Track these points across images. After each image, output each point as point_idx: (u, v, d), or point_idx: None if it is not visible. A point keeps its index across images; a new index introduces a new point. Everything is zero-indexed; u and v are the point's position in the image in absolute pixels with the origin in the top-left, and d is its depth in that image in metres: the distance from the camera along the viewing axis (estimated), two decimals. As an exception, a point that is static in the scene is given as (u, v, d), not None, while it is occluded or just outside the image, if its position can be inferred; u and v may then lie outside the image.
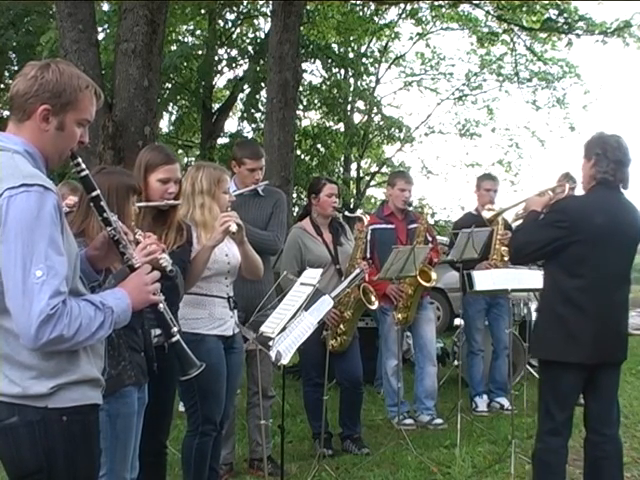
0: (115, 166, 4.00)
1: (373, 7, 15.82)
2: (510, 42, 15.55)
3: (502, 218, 5.67)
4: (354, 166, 20.64)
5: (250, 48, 15.86)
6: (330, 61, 16.32)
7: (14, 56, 15.51)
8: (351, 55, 17.85)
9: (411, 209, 5.73)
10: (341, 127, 17.94)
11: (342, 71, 17.83)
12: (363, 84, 18.86)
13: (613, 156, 3.45)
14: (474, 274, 4.95)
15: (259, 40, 15.65)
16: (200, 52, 15.60)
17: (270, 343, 3.56)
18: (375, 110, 18.65)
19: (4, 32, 14.33)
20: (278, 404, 4.94)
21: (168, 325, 2.27)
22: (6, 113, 13.00)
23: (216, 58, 15.86)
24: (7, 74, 15.69)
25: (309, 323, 3.72)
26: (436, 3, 14.94)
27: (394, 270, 5.02)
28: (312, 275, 3.79)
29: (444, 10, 16.04)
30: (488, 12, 13.68)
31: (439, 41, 38.10)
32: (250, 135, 16.35)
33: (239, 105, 16.79)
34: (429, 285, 5.47)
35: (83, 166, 2.13)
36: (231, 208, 3.70)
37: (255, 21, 16.44)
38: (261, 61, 14.41)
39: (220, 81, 17.47)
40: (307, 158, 17.24)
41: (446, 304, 9.58)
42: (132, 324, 2.44)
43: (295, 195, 15.41)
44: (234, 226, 3.42)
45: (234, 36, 16.15)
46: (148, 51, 6.52)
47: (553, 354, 3.47)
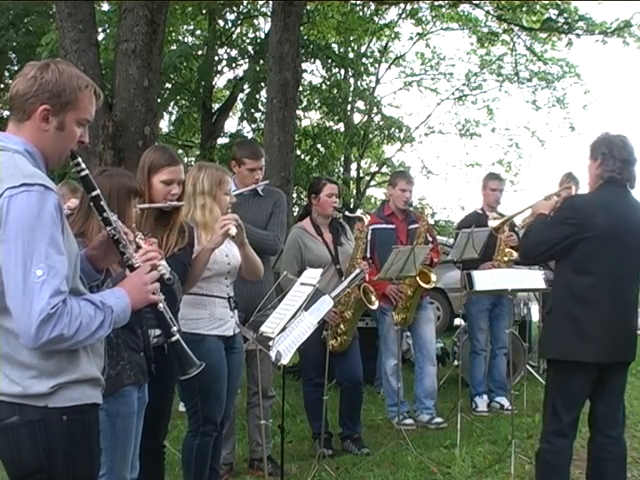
0: (117, 168, 4.00)
1: (373, 7, 15.82)
2: (510, 42, 15.56)
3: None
4: (354, 166, 20.65)
5: (250, 48, 15.85)
6: (330, 61, 16.31)
7: (14, 56, 15.51)
8: (351, 55, 17.85)
9: (412, 209, 5.74)
10: (341, 127, 17.94)
11: (342, 71, 17.82)
12: (363, 84, 18.87)
13: (619, 155, 3.45)
14: (474, 274, 4.95)
15: (259, 40, 15.64)
16: (200, 52, 15.60)
17: (270, 343, 3.56)
18: (375, 110, 18.65)
19: (4, 32, 14.33)
20: (278, 404, 4.94)
21: (168, 324, 2.27)
22: (6, 113, 12.99)
23: (216, 58, 15.86)
24: (7, 74, 15.69)
25: (309, 323, 3.72)
26: (436, 3, 14.95)
27: (394, 270, 5.02)
28: (312, 275, 3.79)
29: (444, 10, 16.04)
30: (488, 12, 13.68)
31: (439, 41, 38.05)
32: (250, 135, 16.35)
33: (239, 105, 16.79)
34: (428, 287, 5.47)
35: (83, 166, 2.14)
36: (231, 209, 3.70)
37: (255, 21, 16.47)
38: (261, 61, 14.41)
39: (220, 81, 17.50)
40: (307, 158, 17.24)
41: (446, 304, 9.59)
42: (131, 324, 2.44)
43: (295, 195, 15.42)
44: (234, 229, 3.42)
45: (234, 36, 16.15)
46: (148, 51, 6.52)
47: (567, 354, 3.44)
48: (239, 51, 16.20)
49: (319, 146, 17.22)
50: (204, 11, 14.56)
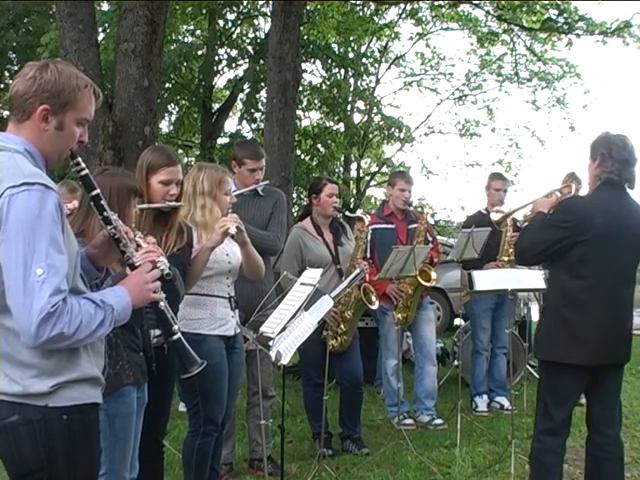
0: (117, 168, 4.00)
1: (373, 7, 15.82)
2: (510, 42, 15.57)
3: (512, 219, 5.65)
4: (354, 166, 20.65)
5: (250, 48, 15.86)
6: (330, 61, 16.32)
7: (14, 56, 15.52)
8: (351, 55, 17.86)
9: (411, 209, 5.73)
10: (341, 127, 17.94)
11: (342, 71, 17.84)
12: (363, 84, 18.87)
13: (618, 155, 3.43)
14: (474, 274, 4.95)
15: (259, 40, 15.65)
16: (200, 52, 15.60)
17: (270, 343, 3.56)
18: (375, 110, 18.65)
19: (4, 33, 14.34)
20: (278, 404, 4.94)
21: (169, 323, 2.27)
22: (6, 113, 12.99)
23: (216, 58, 15.86)
24: (7, 74, 15.70)
25: (309, 323, 3.72)
26: (436, 3, 14.94)
27: (394, 270, 5.02)
28: (312, 275, 3.79)
29: (444, 10, 16.04)
30: (488, 12, 13.68)
31: (439, 41, 38.12)
32: (250, 135, 16.35)
33: (239, 105, 16.80)
34: (429, 285, 5.47)
35: (83, 165, 2.14)
36: (232, 209, 3.70)
37: (255, 21, 16.47)
38: (261, 61, 14.41)
39: (220, 81, 17.50)
40: (307, 158, 17.23)
41: (446, 304, 9.60)
42: (131, 324, 2.44)
43: (295, 195, 15.41)
44: (233, 229, 3.42)
45: (234, 36, 16.15)
46: (148, 51, 6.52)
47: (556, 355, 3.45)
48: (239, 51, 16.20)
49: (319, 146, 17.21)
50: (204, 11, 14.56)
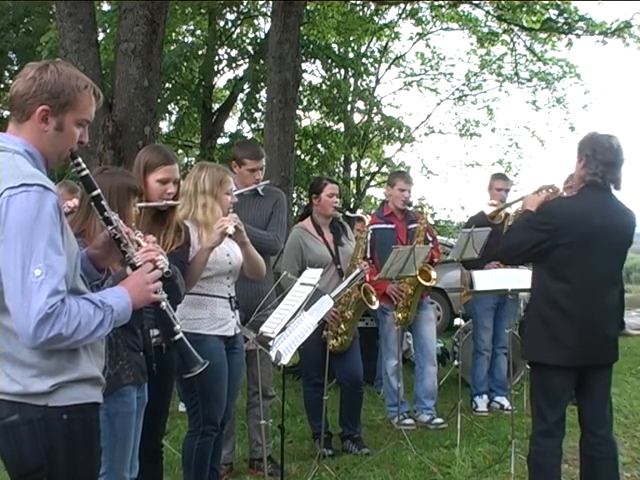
0: (116, 167, 4.00)
1: (373, 7, 15.81)
2: (510, 42, 15.54)
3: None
4: (354, 166, 20.62)
5: (250, 48, 15.86)
6: (330, 61, 16.32)
7: (14, 56, 15.52)
8: (351, 55, 17.84)
9: (411, 209, 5.73)
10: (341, 127, 17.94)
11: (342, 71, 17.83)
12: (363, 84, 18.85)
13: (603, 157, 3.39)
14: (474, 274, 4.95)
15: (259, 40, 15.65)
16: (200, 52, 15.60)
17: (270, 343, 3.56)
18: (375, 110, 18.63)
19: (4, 33, 14.34)
20: (278, 404, 4.94)
21: (171, 323, 2.27)
22: (6, 113, 13.00)
23: (216, 58, 15.86)
24: (7, 74, 15.70)
25: (309, 323, 3.72)
26: (436, 3, 14.93)
27: (394, 270, 5.02)
28: (312, 275, 3.79)
29: (444, 10, 16.01)
30: (488, 12, 13.68)
31: (439, 41, 38.29)
32: (250, 135, 16.35)
33: (239, 105, 16.80)
34: (429, 284, 5.47)
35: (83, 166, 2.14)
36: (232, 209, 3.70)
37: (255, 21, 16.46)
38: (261, 61, 14.41)
39: (220, 81, 17.49)
40: (307, 158, 17.23)
41: (446, 304, 9.61)
42: (131, 324, 2.44)
43: (295, 195, 15.41)
44: (231, 228, 3.43)
45: (234, 36, 16.16)
46: (148, 51, 6.52)
47: (538, 356, 3.46)
48: (239, 51, 16.20)
49: (319, 146, 17.21)
50: (204, 11, 14.56)
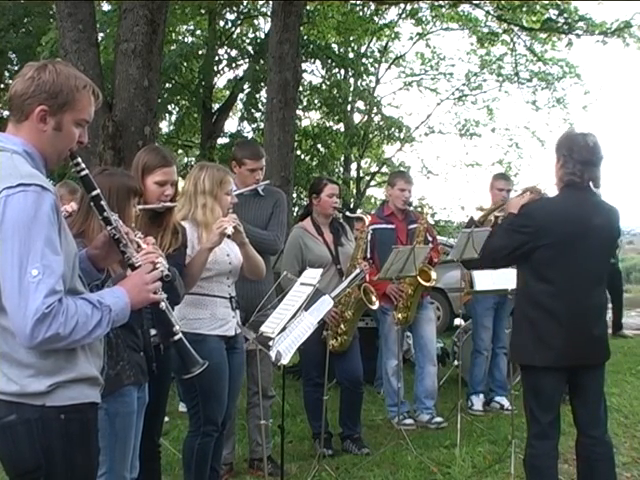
0: (116, 167, 4.01)
1: (373, 7, 15.82)
2: (510, 42, 15.55)
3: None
4: (354, 166, 20.64)
5: (250, 48, 15.86)
6: (330, 61, 16.32)
7: (14, 56, 15.52)
8: (351, 55, 17.85)
9: (411, 209, 5.73)
10: (341, 127, 17.94)
11: (342, 71, 17.83)
12: (363, 84, 18.86)
13: (579, 156, 3.35)
14: (474, 274, 4.95)
15: (259, 40, 15.66)
16: (200, 52, 15.60)
17: (270, 343, 3.56)
18: (375, 110, 18.65)
19: (4, 33, 14.34)
20: (278, 404, 4.94)
21: (170, 324, 2.27)
22: (6, 113, 13.00)
23: (216, 58, 15.86)
24: (7, 74, 15.70)
25: (309, 323, 3.72)
26: (436, 3, 14.94)
27: (394, 270, 5.01)
28: (312, 275, 3.79)
29: (444, 10, 16.02)
30: (488, 12, 13.68)
31: (439, 41, 38.27)
32: (250, 135, 16.35)
33: (239, 105, 16.81)
34: (429, 285, 5.47)
35: (83, 166, 2.14)
36: (232, 209, 3.70)
37: (255, 21, 16.47)
38: (261, 61, 14.41)
39: (220, 81, 17.50)
40: (307, 158, 17.23)
41: (446, 304, 9.60)
42: (131, 324, 2.44)
43: (295, 195, 15.41)
44: (230, 229, 3.43)
45: (234, 36, 16.16)
46: (148, 51, 6.52)
47: (525, 359, 3.45)
48: (239, 51, 16.21)
49: (319, 146, 17.22)
50: (204, 11, 14.57)
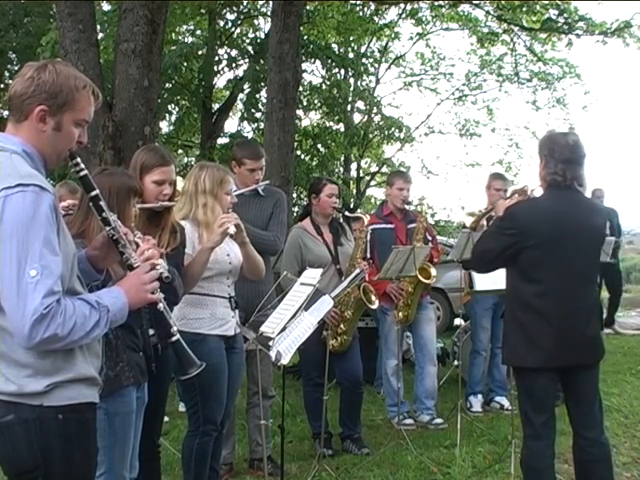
0: (116, 167, 4.01)
1: (373, 7, 15.82)
2: (510, 42, 15.55)
3: None
4: (354, 166, 20.63)
5: (250, 48, 15.87)
6: (330, 61, 16.32)
7: (14, 56, 15.52)
8: (351, 55, 17.86)
9: (411, 209, 5.73)
10: (341, 127, 17.94)
11: (342, 71, 17.83)
12: (363, 84, 18.87)
13: (560, 155, 3.35)
14: (474, 274, 4.94)
15: (259, 40, 15.66)
16: (200, 52, 15.61)
17: (270, 343, 3.56)
18: (375, 110, 18.65)
19: (4, 33, 14.34)
20: (278, 404, 4.94)
21: (168, 324, 2.27)
22: (6, 113, 13.00)
23: (216, 58, 15.87)
24: (7, 74, 15.70)
25: (309, 323, 3.72)
26: (436, 3, 14.93)
27: (394, 270, 5.01)
28: (312, 275, 3.79)
29: (444, 10, 16.02)
30: (488, 12, 13.68)
31: (439, 41, 38.27)
32: (250, 135, 16.36)
33: (239, 105, 16.82)
34: (429, 282, 5.46)
35: (82, 166, 2.14)
36: (232, 209, 3.70)
37: (255, 21, 16.47)
38: (261, 61, 14.42)
39: (220, 81, 17.51)
40: (307, 158, 17.24)
41: (446, 304, 9.59)
42: (130, 324, 2.44)
43: (295, 195, 15.41)
44: (232, 228, 3.43)
45: (234, 36, 16.16)
46: (148, 51, 6.52)
47: (517, 360, 3.45)
48: (239, 51, 16.21)
49: (319, 146, 17.22)
50: (204, 11, 14.57)
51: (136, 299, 2.11)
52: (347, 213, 5.75)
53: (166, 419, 4.93)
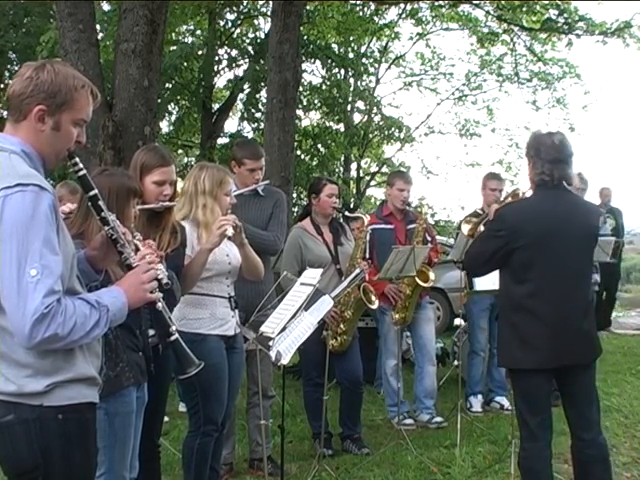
0: (116, 168, 4.02)
1: (373, 7, 15.83)
2: (510, 42, 15.55)
3: None
4: (354, 166, 20.65)
5: (250, 48, 15.87)
6: (330, 61, 16.33)
7: (14, 56, 15.53)
8: (351, 55, 17.87)
9: (410, 209, 5.73)
10: (341, 127, 17.94)
11: (342, 71, 17.84)
12: (363, 84, 18.88)
13: (547, 155, 3.35)
14: (474, 274, 4.93)
15: (259, 40, 15.68)
16: (200, 52, 15.61)
17: (270, 343, 3.56)
18: (375, 110, 18.66)
19: (4, 33, 14.35)
20: (278, 404, 4.94)
21: (166, 324, 2.27)
22: (6, 113, 13.00)
23: (216, 58, 15.87)
24: (7, 74, 15.71)
25: (309, 323, 3.72)
26: (436, 3, 14.94)
27: (394, 270, 5.01)
28: (312, 275, 3.79)
29: (444, 10, 16.02)
30: (488, 12, 13.68)
31: (439, 41, 38.26)
32: (250, 135, 16.38)
33: (239, 105, 16.82)
34: (427, 285, 5.46)
35: (81, 165, 2.14)
36: (231, 209, 3.70)
37: (255, 21, 16.48)
38: (261, 61, 14.42)
39: (220, 81, 17.52)
40: (307, 158, 17.25)
41: (446, 304, 9.59)
42: (130, 324, 2.44)
43: (295, 195, 15.41)
44: (230, 230, 3.43)
45: (234, 36, 16.17)
46: (148, 51, 6.52)
47: (511, 362, 3.44)
48: (239, 51, 16.22)
49: (319, 146, 17.23)
50: (204, 11, 14.57)
51: (135, 298, 2.10)
52: (347, 213, 5.75)
53: (166, 419, 4.93)
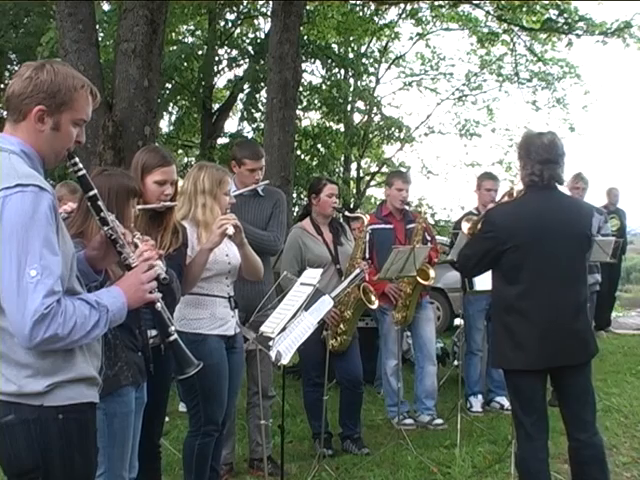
0: (116, 168, 4.01)
1: (373, 7, 15.80)
2: (510, 42, 15.56)
3: None
4: (354, 166, 20.63)
5: (250, 48, 15.87)
6: (330, 61, 16.33)
7: (14, 56, 15.53)
8: (351, 55, 17.86)
9: (410, 209, 5.72)
10: (341, 127, 17.94)
11: (342, 71, 17.84)
12: (363, 84, 18.87)
13: (537, 156, 3.35)
14: (473, 274, 4.93)
15: (259, 40, 15.68)
16: (200, 52, 15.61)
17: (270, 343, 3.56)
18: (375, 110, 18.65)
19: (4, 33, 14.36)
20: (278, 404, 4.93)
21: (166, 324, 2.27)
22: (5, 113, 12.99)
23: (216, 58, 15.87)
24: (7, 74, 15.71)
25: (309, 323, 3.72)
26: (436, 3, 14.94)
27: (394, 270, 5.01)
28: (312, 275, 3.79)
29: (444, 10, 16.03)
30: (488, 12, 13.68)
31: (439, 41, 38.27)
32: (250, 135, 16.36)
33: (239, 105, 16.82)
34: (427, 284, 5.46)
35: (80, 166, 2.14)
36: (231, 209, 3.70)
37: (255, 21, 16.49)
38: (261, 61, 14.42)
39: (220, 81, 17.52)
40: (307, 158, 17.25)
41: (446, 304, 9.60)
42: (129, 324, 2.43)
43: (295, 195, 15.41)
44: (231, 229, 3.43)
45: (234, 36, 16.17)
46: (148, 51, 6.52)
47: (504, 363, 3.45)
48: (239, 51, 16.21)
49: (319, 146, 17.22)
50: (204, 11, 14.58)
51: (134, 298, 2.10)
52: (347, 213, 5.75)
53: (166, 419, 4.92)
